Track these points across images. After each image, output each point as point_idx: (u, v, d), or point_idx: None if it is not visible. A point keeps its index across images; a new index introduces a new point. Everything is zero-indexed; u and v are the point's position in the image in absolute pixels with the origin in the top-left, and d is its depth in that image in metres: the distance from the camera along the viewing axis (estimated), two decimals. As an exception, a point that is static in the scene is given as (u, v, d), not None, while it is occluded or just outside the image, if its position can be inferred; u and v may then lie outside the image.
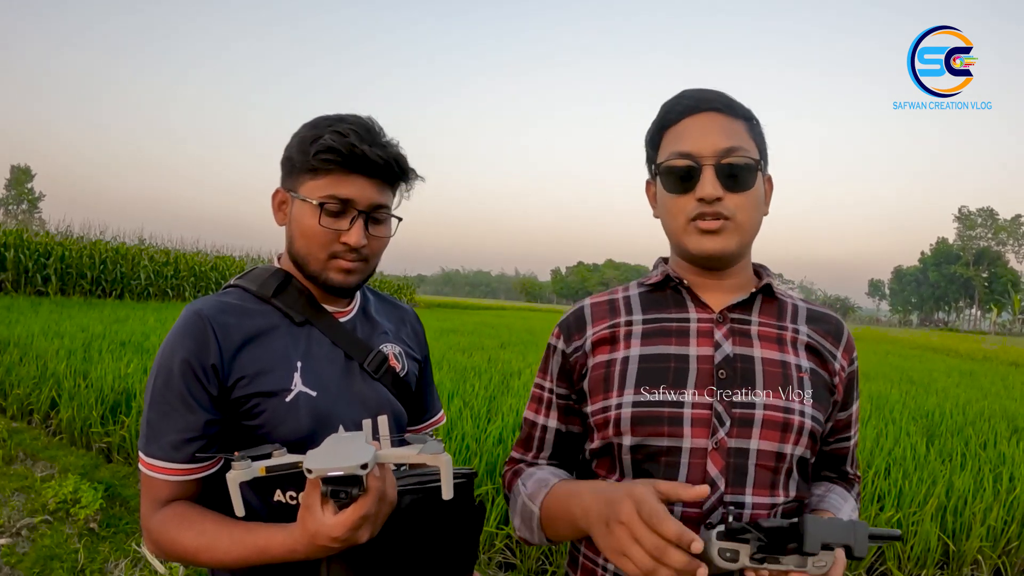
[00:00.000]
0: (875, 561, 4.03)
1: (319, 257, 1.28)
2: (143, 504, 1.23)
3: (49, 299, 17.76)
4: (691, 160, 1.17)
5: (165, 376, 1.20)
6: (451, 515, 1.24)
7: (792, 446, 1.15)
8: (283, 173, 1.32)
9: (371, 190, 1.27)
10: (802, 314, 1.28)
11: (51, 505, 4.21)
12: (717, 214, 1.16)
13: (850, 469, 1.38)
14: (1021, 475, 4.81)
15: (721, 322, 1.21)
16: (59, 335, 8.79)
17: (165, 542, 1.18)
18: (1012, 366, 18.91)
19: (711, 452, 1.13)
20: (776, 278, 1.31)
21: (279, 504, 1.25)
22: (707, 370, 1.17)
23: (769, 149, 1.26)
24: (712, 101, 1.20)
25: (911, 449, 5.38)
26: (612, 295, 1.35)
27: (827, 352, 1.25)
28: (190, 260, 24.66)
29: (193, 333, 1.20)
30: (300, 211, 1.27)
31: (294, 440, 1.21)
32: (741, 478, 1.13)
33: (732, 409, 1.14)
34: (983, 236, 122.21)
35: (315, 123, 1.28)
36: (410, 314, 1.62)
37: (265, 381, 1.23)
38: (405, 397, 1.45)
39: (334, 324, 1.36)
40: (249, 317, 1.27)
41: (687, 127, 1.20)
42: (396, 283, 41.77)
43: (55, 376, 6.33)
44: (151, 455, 1.19)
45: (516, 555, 3.87)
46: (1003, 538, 4.23)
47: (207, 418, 1.20)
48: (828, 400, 1.23)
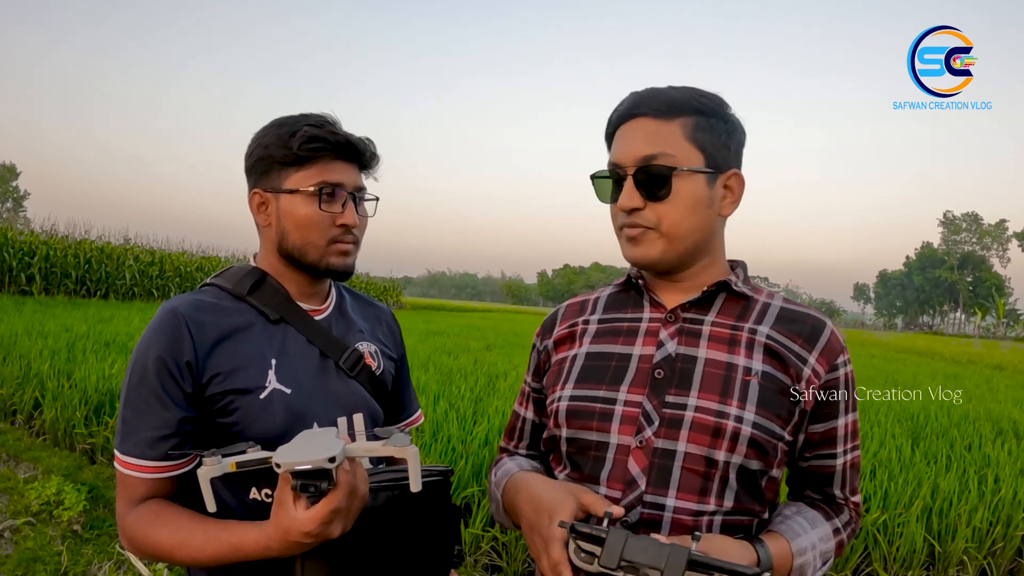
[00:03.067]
0: (861, 562, 4.05)
1: (319, 244, 1.32)
2: (119, 502, 1.24)
3: (33, 298, 17.58)
4: (616, 170, 1.18)
5: (140, 373, 1.22)
6: (427, 513, 1.25)
7: (725, 452, 1.10)
8: (256, 175, 1.35)
9: (354, 174, 1.36)
10: (771, 314, 1.21)
11: (34, 507, 4.17)
12: (635, 224, 1.17)
13: (838, 492, 1.25)
14: (1006, 477, 4.84)
15: (671, 321, 1.21)
16: (43, 335, 8.71)
17: (140, 539, 1.19)
18: (996, 369, 19.08)
19: (634, 450, 1.13)
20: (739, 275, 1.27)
21: (255, 502, 1.27)
22: (645, 369, 1.18)
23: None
24: (642, 105, 1.16)
25: (896, 451, 5.42)
26: (587, 296, 1.40)
27: (793, 356, 1.16)
28: (176, 260, 24.46)
29: (168, 330, 1.22)
30: (291, 204, 1.31)
31: (268, 438, 1.22)
32: (664, 479, 1.11)
33: (663, 409, 1.14)
34: (968, 241, 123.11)
35: (281, 122, 1.33)
36: (386, 313, 1.65)
37: (239, 378, 1.25)
38: (381, 396, 1.46)
39: (309, 322, 1.38)
40: (224, 315, 1.30)
41: (620, 135, 1.20)
42: (382, 285, 41.67)
43: (38, 376, 6.26)
44: (126, 452, 1.21)
45: (502, 557, 3.86)
46: (988, 539, 4.26)
47: (181, 415, 1.21)
48: (785, 408, 1.14)
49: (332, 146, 1.30)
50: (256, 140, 1.34)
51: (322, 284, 1.44)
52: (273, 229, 1.35)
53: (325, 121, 1.32)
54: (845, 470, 1.24)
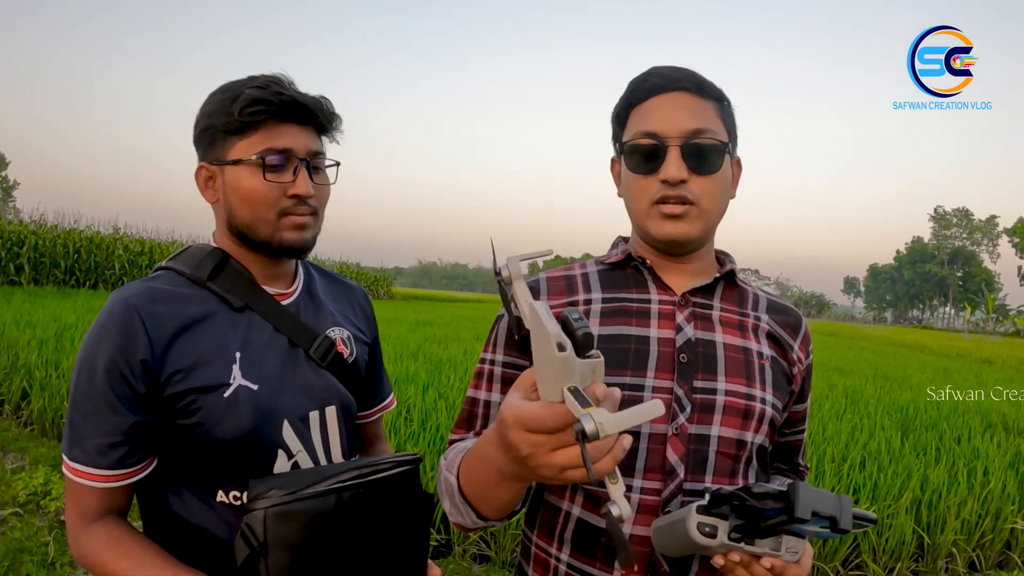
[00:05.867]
0: (850, 553, 4.06)
1: (268, 218, 1.19)
2: (69, 512, 1.14)
3: (22, 288, 17.52)
4: (656, 140, 1.13)
5: (88, 374, 1.10)
6: (397, 504, 1.19)
7: (753, 433, 1.14)
8: (203, 148, 1.22)
9: (306, 137, 1.21)
10: (763, 303, 1.27)
11: (21, 497, 4.15)
12: (681, 197, 1.12)
13: (801, 461, 1.40)
14: (995, 469, 4.87)
15: (683, 305, 1.19)
16: (31, 325, 8.64)
17: (95, 564, 1.10)
18: (985, 363, 19.15)
19: (671, 438, 1.10)
20: (733, 263, 1.28)
21: (223, 505, 1.17)
22: (668, 353, 1.14)
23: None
24: (682, 80, 1.15)
25: (886, 443, 5.44)
26: (569, 271, 1.29)
27: (786, 343, 1.24)
28: (165, 250, 24.30)
29: (119, 325, 1.10)
30: (236, 176, 1.18)
31: (233, 439, 1.14)
32: (701, 465, 1.10)
33: (693, 394, 1.12)
34: (958, 236, 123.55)
35: (225, 87, 1.20)
36: (359, 292, 1.52)
37: (201, 375, 1.13)
38: (354, 384, 1.36)
39: (276, 308, 1.26)
40: (182, 304, 1.17)
41: (654, 106, 1.15)
42: (373, 275, 41.59)
43: (27, 366, 6.22)
44: (75, 459, 1.10)
45: (491, 547, 3.86)
46: (977, 531, 4.29)
47: (132, 420, 1.10)
48: (786, 390, 1.22)
49: (277, 108, 1.16)
50: (201, 109, 1.22)
51: (286, 264, 1.31)
52: (222, 205, 1.22)
53: (273, 81, 1.18)
54: (805, 442, 1.40)
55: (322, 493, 1.09)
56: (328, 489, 1.10)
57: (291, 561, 1.06)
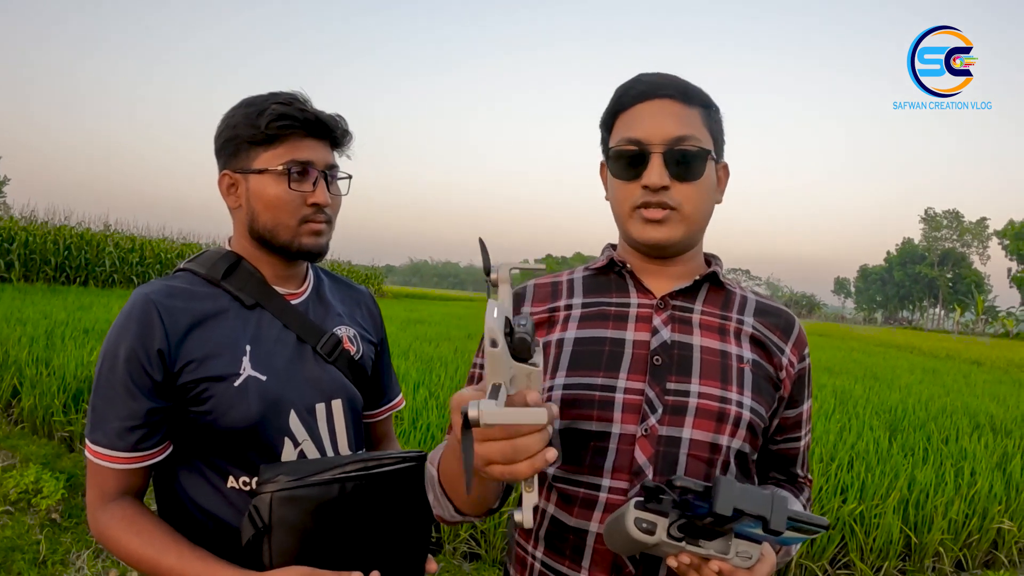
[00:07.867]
0: (838, 552, 4.09)
1: (289, 224, 1.29)
2: (89, 492, 1.23)
3: (12, 285, 17.37)
4: (640, 147, 1.14)
5: (111, 362, 1.20)
6: (400, 498, 1.25)
7: (729, 437, 1.13)
8: (226, 156, 1.32)
9: (324, 151, 1.33)
10: (750, 306, 1.26)
11: (12, 496, 4.13)
12: (662, 203, 1.14)
13: (800, 472, 1.34)
14: (982, 470, 4.91)
15: (662, 308, 1.20)
16: (21, 322, 8.60)
17: (110, 540, 1.19)
18: (974, 364, 19.25)
19: (640, 439, 1.11)
20: (719, 266, 1.28)
21: (233, 490, 1.25)
22: (642, 355, 1.15)
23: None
24: (666, 87, 1.17)
25: (874, 443, 5.47)
26: (556, 278, 1.32)
27: (773, 346, 1.22)
28: (156, 247, 24.21)
29: (139, 318, 1.20)
30: (260, 184, 1.28)
31: (243, 427, 1.22)
32: (671, 467, 1.10)
33: (665, 396, 1.12)
34: (948, 237, 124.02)
35: (250, 101, 1.30)
36: (366, 296, 1.61)
37: (213, 365, 1.23)
38: (361, 381, 1.44)
39: (285, 307, 1.35)
40: (197, 300, 1.27)
41: (639, 112, 1.17)
42: (364, 272, 41.38)
43: (17, 364, 6.19)
44: (96, 442, 1.20)
45: (481, 545, 3.87)
46: (964, 531, 4.32)
47: (149, 406, 1.20)
48: (771, 395, 1.20)
49: (301, 123, 1.27)
50: (224, 120, 1.32)
51: (298, 267, 1.41)
52: (244, 211, 1.32)
53: (294, 98, 1.29)
54: (804, 451, 1.32)
55: (327, 481, 1.17)
56: (333, 478, 1.17)
57: (293, 544, 1.13)
